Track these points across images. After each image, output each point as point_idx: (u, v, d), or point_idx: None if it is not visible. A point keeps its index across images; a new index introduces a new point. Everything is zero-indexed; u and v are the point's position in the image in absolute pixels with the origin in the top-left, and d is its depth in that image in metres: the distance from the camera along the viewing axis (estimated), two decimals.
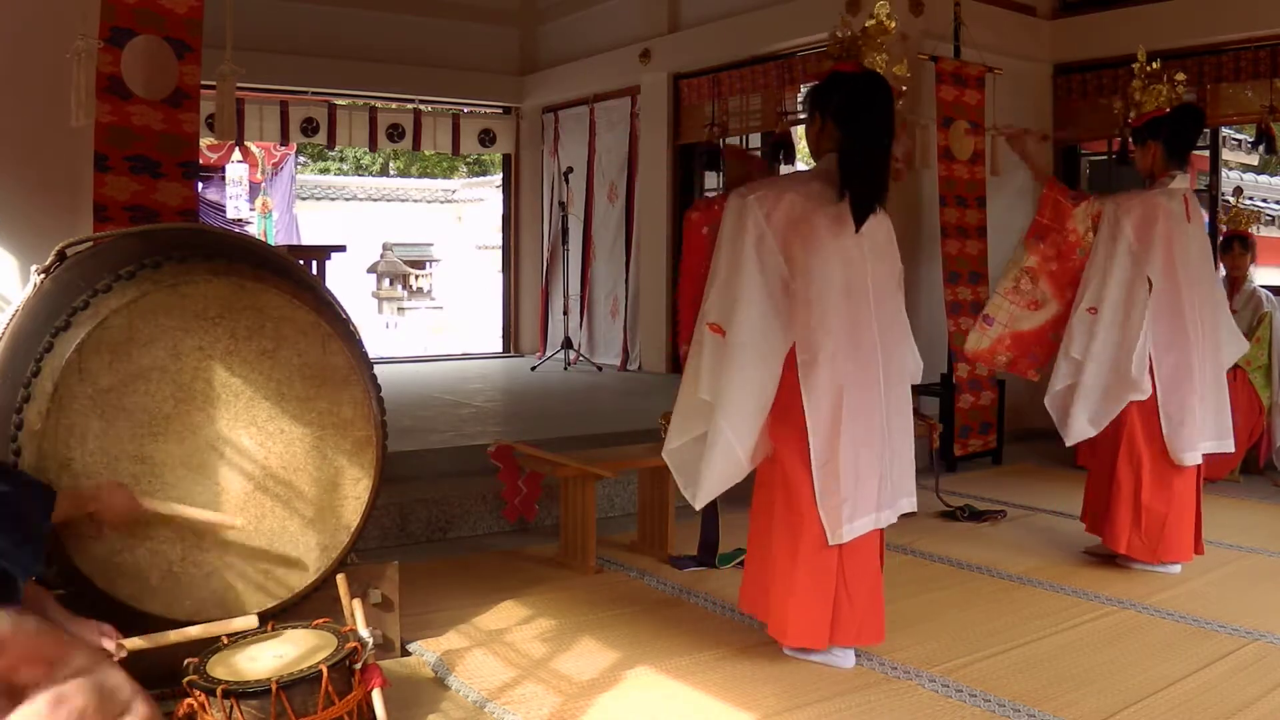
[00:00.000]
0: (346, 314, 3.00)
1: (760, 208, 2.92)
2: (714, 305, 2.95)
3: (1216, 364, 4.00)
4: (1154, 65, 4.06)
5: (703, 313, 2.97)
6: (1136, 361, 3.81)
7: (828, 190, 2.95)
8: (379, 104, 9.72)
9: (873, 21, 3.12)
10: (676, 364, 8.64)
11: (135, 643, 2.29)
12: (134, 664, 2.11)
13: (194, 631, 2.43)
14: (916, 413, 3.80)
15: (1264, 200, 14.25)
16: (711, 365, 2.92)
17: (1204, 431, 3.90)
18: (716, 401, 2.90)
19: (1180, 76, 4.07)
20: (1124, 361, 3.83)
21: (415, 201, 19.45)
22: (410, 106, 9.73)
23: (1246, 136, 9.88)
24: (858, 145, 2.95)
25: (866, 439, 2.94)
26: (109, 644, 2.19)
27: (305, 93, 9.15)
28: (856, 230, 2.95)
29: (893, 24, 3.15)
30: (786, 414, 2.92)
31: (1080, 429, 3.92)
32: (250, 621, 2.51)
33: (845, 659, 3.00)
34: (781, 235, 2.91)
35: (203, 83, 3.79)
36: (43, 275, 2.82)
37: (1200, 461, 3.91)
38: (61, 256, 2.85)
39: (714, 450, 2.91)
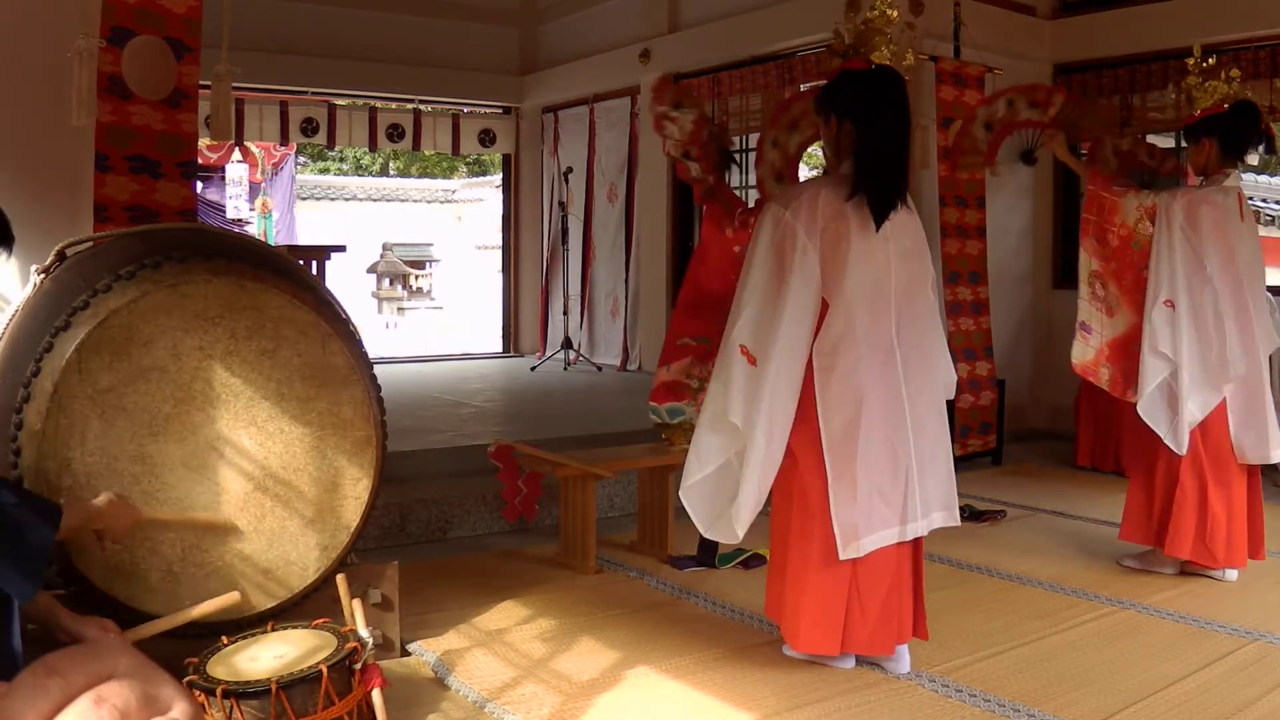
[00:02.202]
0: (346, 314, 3.00)
1: (799, 219, 2.84)
2: (746, 328, 2.86)
3: (1264, 363, 3.91)
4: (1209, 61, 3.94)
5: (734, 333, 2.88)
6: (1234, 351, 3.70)
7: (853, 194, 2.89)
8: (379, 104, 9.72)
9: (875, 13, 3.09)
10: None
11: (136, 633, 2.29)
12: None
13: (194, 613, 2.42)
14: None
15: (1264, 200, 14.24)
16: (745, 391, 2.83)
17: (1275, 431, 3.81)
18: (754, 426, 2.81)
19: (1235, 73, 3.95)
20: (1212, 355, 3.72)
21: (415, 201, 19.45)
22: (410, 106, 9.73)
23: None
24: (875, 143, 2.88)
25: (886, 451, 2.87)
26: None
27: (305, 93, 9.15)
28: (877, 229, 2.89)
29: (895, 14, 3.11)
30: (805, 419, 2.85)
31: (1184, 436, 3.75)
32: (233, 598, 2.49)
33: (845, 660, 2.99)
34: (821, 248, 2.84)
35: (201, 83, 3.79)
36: (43, 275, 2.82)
37: (1268, 462, 3.82)
38: (61, 256, 2.86)
39: (755, 469, 2.82)
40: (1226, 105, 3.88)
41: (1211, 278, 3.75)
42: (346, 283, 12.44)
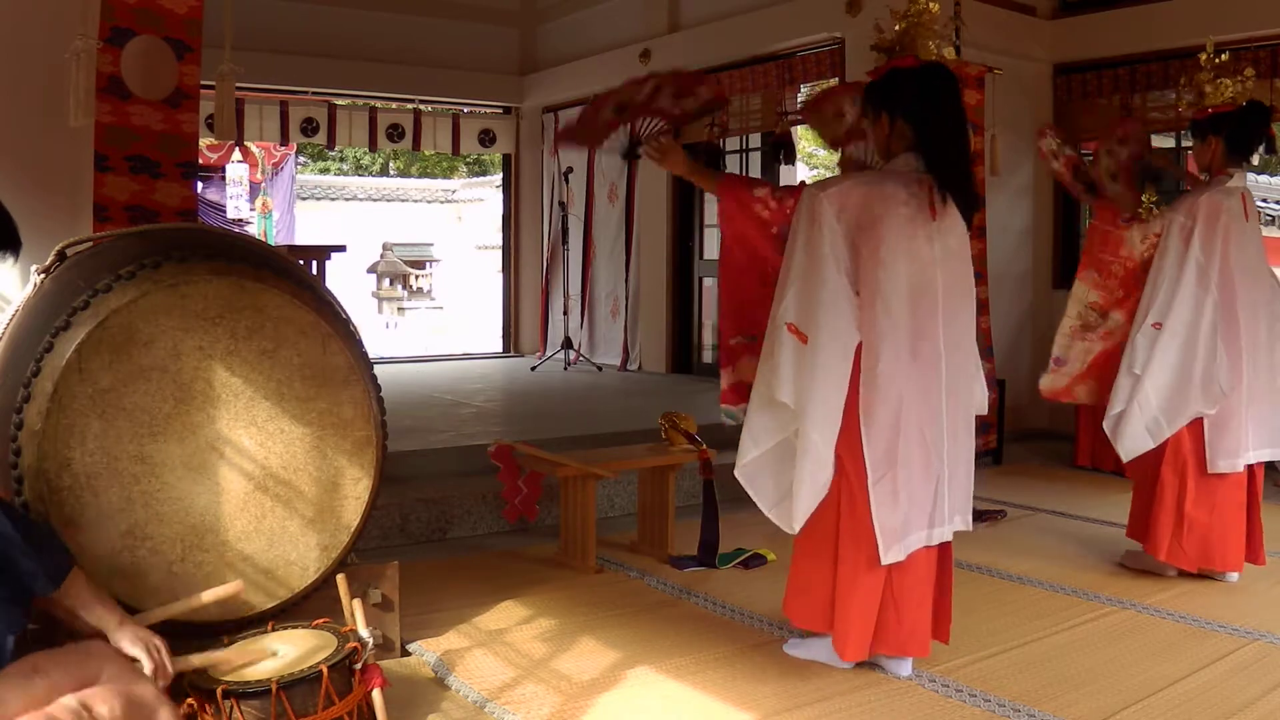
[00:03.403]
0: (346, 314, 3.00)
1: (831, 205, 2.81)
2: (792, 306, 2.82)
3: (1271, 367, 3.85)
4: (1222, 58, 3.90)
5: (780, 311, 2.85)
6: (1203, 374, 3.67)
7: (902, 191, 2.85)
8: (379, 104, 9.72)
9: (918, 6, 3.03)
10: (677, 364, 8.71)
11: (145, 618, 2.27)
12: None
13: (176, 608, 2.40)
14: None
15: (1264, 200, 14.25)
16: (794, 371, 2.79)
17: (1252, 439, 3.78)
18: (803, 409, 2.77)
19: (1249, 72, 3.90)
20: (1197, 375, 3.68)
21: (415, 201, 19.46)
22: (410, 106, 9.73)
23: None
24: (943, 142, 2.85)
25: (921, 453, 2.85)
26: (142, 657, 2.13)
27: (305, 93, 9.14)
28: (969, 225, 2.88)
29: (936, 7, 3.04)
30: (845, 422, 2.82)
31: (1139, 443, 3.76)
32: (235, 588, 2.46)
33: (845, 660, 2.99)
34: (849, 235, 2.81)
35: (202, 83, 3.79)
36: (43, 275, 2.82)
37: (1249, 466, 3.80)
38: (62, 256, 2.86)
39: (807, 461, 2.78)
40: (1235, 104, 3.83)
41: (1213, 289, 3.71)
42: (346, 283, 12.44)
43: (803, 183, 3.04)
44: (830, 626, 2.93)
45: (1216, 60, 3.91)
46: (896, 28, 3.06)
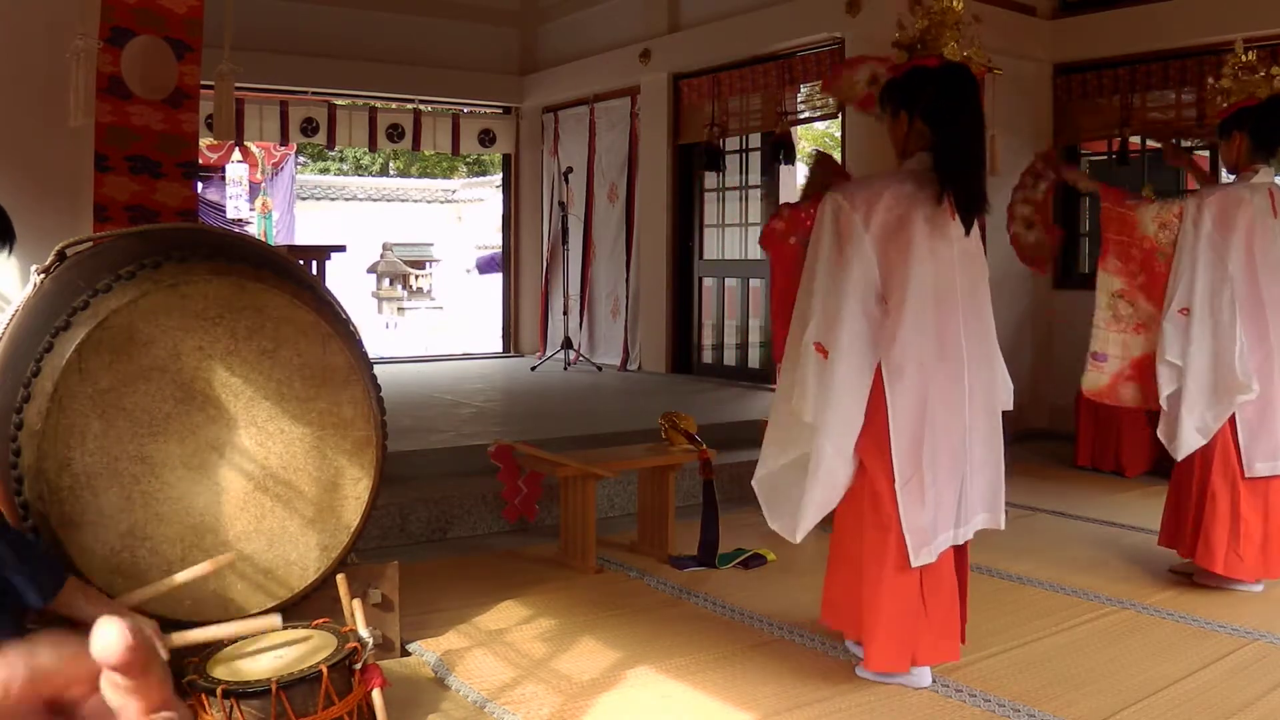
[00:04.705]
0: (346, 314, 3.00)
1: (856, 213, 2.78)
2: (815, 322, 2.80)
3: None
4: (1249, 56, 3.85)
5: (807, 332, 2.82)
6: (1240, 360, 3.60)
7: (920, 192, 2.83)
8: (379, 104, 9.72)
9: (942, 4, 2.97)
10: (677, 364, 8.71)
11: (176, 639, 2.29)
12: None
13: (225, 630, 2.41)
14: None
15: None
16: (817, 387, 2.78)
17: None
18: (820, 422, 2.77)
19: (1276, 70, 3.83)
20: (1225, 362, 3.63)
21: (415, 201, 19.49)
22: (410, 106, 9.73)
23: None
24: (956, 144, 2.82)
25: (948, 454, 2.83)
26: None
27: (305, 93, 9.15)
28: (967, 233, 2.85)
29: (960, 5, 2.99)
30: (871, 426, 2.80)
31: (1190, 441, 3.69)
32: (274, 622, 2.46)
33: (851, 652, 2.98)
34: (878, 242, 2.78)
35: (202, 83, 3.79)
36: (43, 275, 2.82)
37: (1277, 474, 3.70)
38: (61, 256, 2.86)
39: (818, 473, 2.78)
40: (1256, 99, 3.77)
41: (1232, 278, 3.66)
42: (346, 283, 12.46)
43: (807, 198, 3.03)
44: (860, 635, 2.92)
45: (1243, 59, 3.85)
46: (918, 26, 3.03)
